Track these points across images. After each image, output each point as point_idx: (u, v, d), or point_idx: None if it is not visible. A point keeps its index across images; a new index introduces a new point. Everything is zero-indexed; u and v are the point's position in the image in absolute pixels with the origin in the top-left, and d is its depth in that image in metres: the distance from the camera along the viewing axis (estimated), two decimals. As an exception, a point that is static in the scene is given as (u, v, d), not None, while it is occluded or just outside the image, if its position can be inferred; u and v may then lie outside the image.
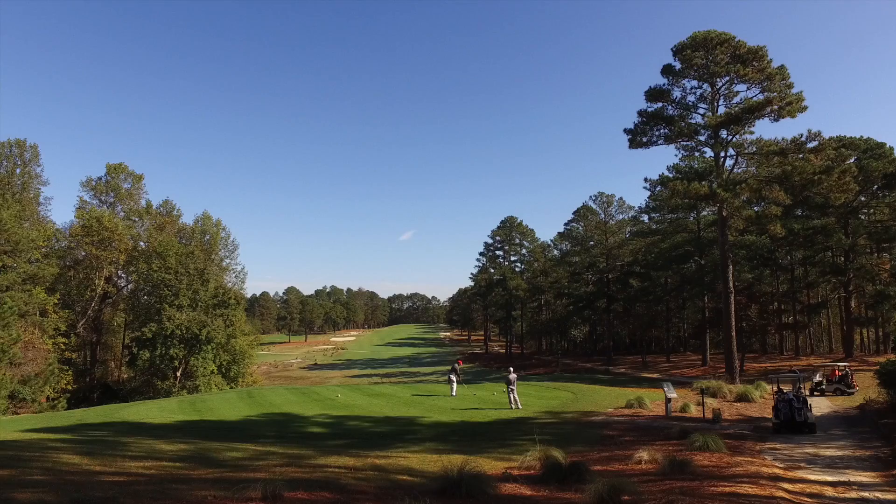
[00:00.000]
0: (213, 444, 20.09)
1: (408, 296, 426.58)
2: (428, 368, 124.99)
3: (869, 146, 73.37)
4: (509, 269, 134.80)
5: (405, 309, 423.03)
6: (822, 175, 49.97)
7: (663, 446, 19.47)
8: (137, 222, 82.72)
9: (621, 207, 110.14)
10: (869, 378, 49.62)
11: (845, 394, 42.60)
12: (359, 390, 45.42)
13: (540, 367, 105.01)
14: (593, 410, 30.97)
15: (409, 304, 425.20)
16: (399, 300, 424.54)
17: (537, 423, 25.80)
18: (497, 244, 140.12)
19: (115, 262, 75.78)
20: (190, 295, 68.51)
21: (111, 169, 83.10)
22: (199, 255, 74.41)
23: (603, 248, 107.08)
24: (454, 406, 33.29)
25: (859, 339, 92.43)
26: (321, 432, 25.46)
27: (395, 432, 24.92)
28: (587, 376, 69.62)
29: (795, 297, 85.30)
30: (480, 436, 23.51)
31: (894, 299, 71.55)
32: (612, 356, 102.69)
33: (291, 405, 35.45)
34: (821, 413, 31.30)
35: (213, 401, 39.43)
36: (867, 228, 75.73)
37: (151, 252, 71.95)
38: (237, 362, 72.17)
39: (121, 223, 76.51)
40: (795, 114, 50.04)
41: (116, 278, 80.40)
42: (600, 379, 62.40)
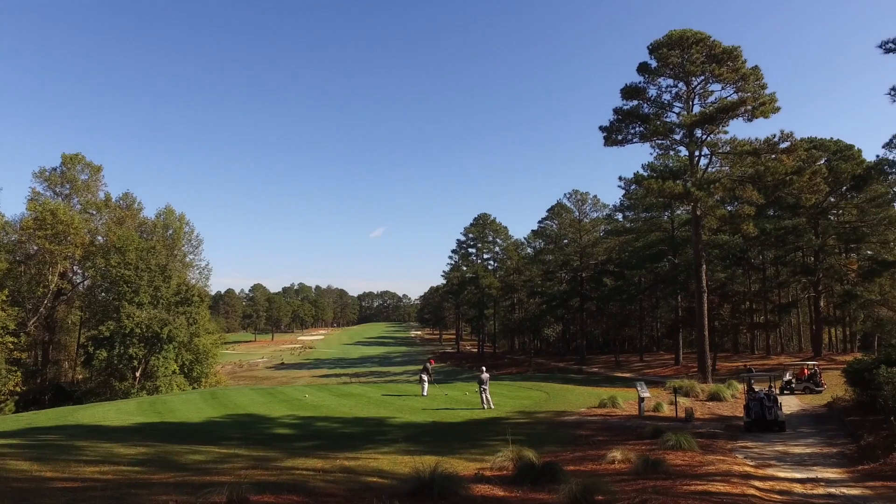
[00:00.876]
0: (174, 447, 19.86)
1: (378, 294, 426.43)
2: (398, 368, 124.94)
3: (839, 148, 74.62)
4: (482, 267, 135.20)
5: (375, 307, 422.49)
6: (794, 175, 50.85)
7: (636, 446, 19.65)
8: (95, 215, 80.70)
9: (596, 205, 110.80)
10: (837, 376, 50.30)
11: (814, 392, 43.33)
12: (327, 390, 45.24)
13: (512, 367, 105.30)
14: (566, 410, 31.16)
15: (379, 303, 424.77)
16: (369, 298, 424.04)
17: (510, 424, 25.89)
18: (470, 241, 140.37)
19: (70, 258, 73.62)
20: (151, 292, 67.24)
21: (67, 159, 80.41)
22: (161, 251, 73.13)
23: (577, 247, 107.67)
24: (425, 406, 33.32)
25: (828, 339, 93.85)
26: (288, 434, 25.35)
27: (364, 433, 24.88)
28: (560, 376, 69.88)
29: (767, 296, 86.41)
30: (452, 436, 23.57)
31: (861, 299, 72.88)
32: (585, 355, 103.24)
33: (257, 406, 35.25)
34: (790, 411, 31.80)
35: (174, 402, 39.04)
36: (836, 229, 76.97)
37: (110, 247, 70.14)
38: (200, 362, 71.21)
39: (77, 216, 74.31)
40: (769, 114, 50.72)
41: (72, 274, 78.62)
42: (573, 378, 62.71)
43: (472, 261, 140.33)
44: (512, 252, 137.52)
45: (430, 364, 43.19)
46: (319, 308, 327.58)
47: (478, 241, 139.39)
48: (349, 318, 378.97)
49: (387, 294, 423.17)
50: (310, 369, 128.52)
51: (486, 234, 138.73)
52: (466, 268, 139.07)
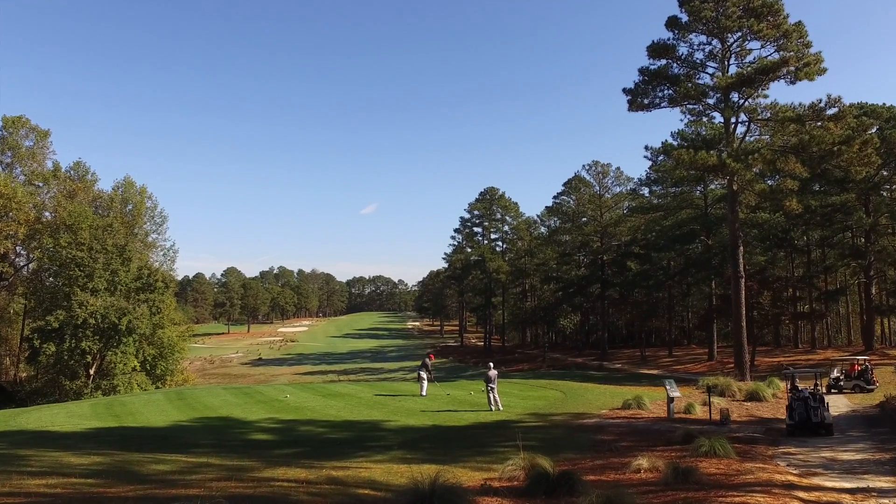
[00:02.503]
0: (134, 456, 19.85)
1: (370, 279, 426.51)
2: (393, 364, 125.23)
3: (892, 115, 74.11)
4: (489, 249, 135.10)
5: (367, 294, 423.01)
6: (842, 146, 50.37)
7: (665, 452, 19.69)
8: (42, 188, 79.70)
9: (618, 179, 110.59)
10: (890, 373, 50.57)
11: (865, 391, 43.43)
12: (312, 390, 45.33)
13: (524, 363, 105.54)
14: (585, 412, 31.21)
15: (371, 289, 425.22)
16: (360, 284, 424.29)
17: (521, 427, 25.91)
18: (475, 219, 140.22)
19: (12, 237, 72.75)
20: (107, 276, 65.98)
21: (8, 123, 79.01)
22: (120, 229, 72.09)
23: (597, 226, 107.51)
24: (424, 408, 33.41)
25: (880, 331, 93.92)
26: (267, 439, 25.41)
27: (355, 439, 24.95)
28: (578, 373, 69.97)
29: (812, 282, 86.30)
30: (455, 442, 23.64)
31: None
32: (606, 350, 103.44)
33: (231, 408, 35.35)
34: (839, 413, 31.81)
35: (134, 404, 39.04)
36: (890, 206, 76.65)
37: (59, 224, 69.41)
38: (165, 357, 71.02)
39: (20, 188, 73.09)
40: (813, 76, 50.41)
41: (14, 256, 78.16)
42: (593, 376, 62.78)
43: (478, 241, 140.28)
44: (523, 232, 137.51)
45: (430, 360, 43.19)
46: (302, 295, 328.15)
47: (484, 218, 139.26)
48: (337, 307, 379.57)
49: (380, 279, 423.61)
50: (291, 366, 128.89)
51: (494, 210, 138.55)
52: (471, 249, 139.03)
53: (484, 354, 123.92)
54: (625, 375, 68.35)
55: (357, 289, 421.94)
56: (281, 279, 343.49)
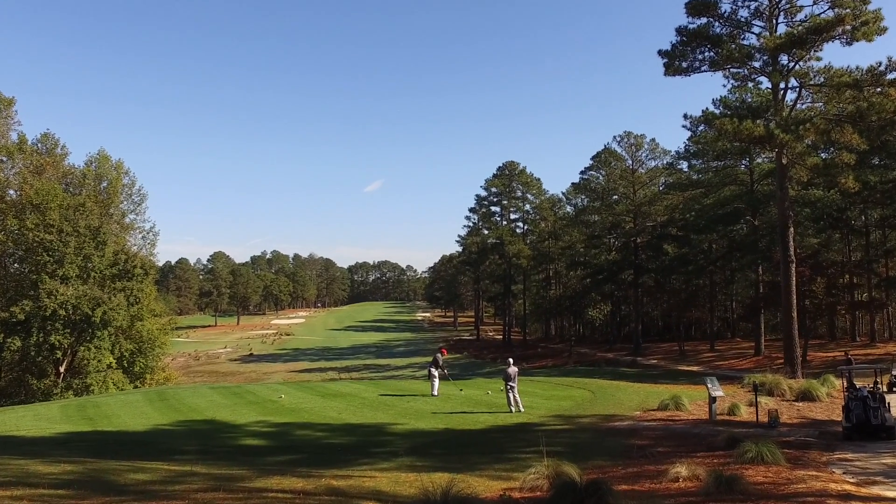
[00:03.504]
0: (110, 464, 19.88)
1: (375, 265, 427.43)
2: (401, 360, 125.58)
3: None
4: (508, 231, 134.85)
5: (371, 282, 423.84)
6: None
7: (706, 458, 19.67)
8: (6, 163, 79.41)
9: (654, 152, 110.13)
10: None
11: (931, 389, 43.18)
12: (309, 389, 45.41)
13: (548, 358, 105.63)
14: (617, 414, 31.21)
15: (376, 276, 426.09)
16: (363, 270, 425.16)
17: (545, 431, 25.95)
18: (493, 197, 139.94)
19: (-29, 218, 73.26)
20: (79, 262, 65.71)
21: None
22: (93, 209, 71.98)
23: (630, 204, 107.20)
24: (436, 409, 33.48)
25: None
26: (259, 445, 25.50)
27: (358, 444, 25.03)
28: (609, 370, 70.01)
29: (871, 267, 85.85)
30: (471, 448, 23.68)
31: None
32: (640, 344, 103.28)
33: (219, 410, 35.48)
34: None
35: (110, 405, 39.20)
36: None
37: (25, 203, 68.80)
38: (144, 353, 71.29)
39: None
40: (872, 36, 49.87)
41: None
42: (625, 373, 62.79)
43: (496, 222, 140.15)
44: (547, 211, 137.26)
45: (442, 355, 43.04)
46: (299, 283, 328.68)
47: (503, 196, 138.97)
48: (337, 296, 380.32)
49: (386, 265, 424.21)
50: (286, 362, 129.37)
51: (514, 187, 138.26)
52: (488, 231, 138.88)
53: (502, 349, 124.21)
54: (661, 372, 68.35)
55: (360, 276, 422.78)
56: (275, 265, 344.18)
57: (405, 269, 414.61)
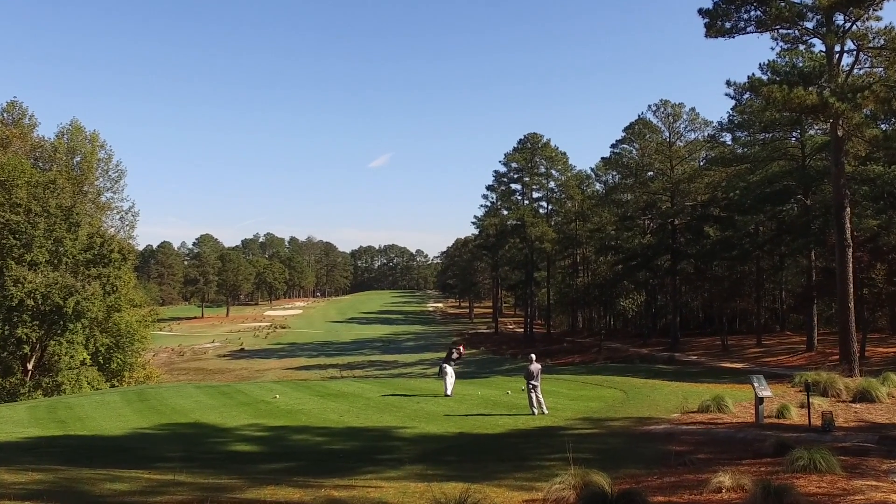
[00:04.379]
0: (84, 473, 19.90)
1: (381, 249, 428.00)
2: (411, 356, 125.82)
3: None
4: (530, 211, 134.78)
5: (377, 268, 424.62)
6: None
7: (752, 466, 19.60)
8: None
9: (693, 123, 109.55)
10: None
11: None
12: (307, 389, 45.60)
13: (574, 354, 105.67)
14: (652, 416, 31.18)
15: (382, 262, 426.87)
16: (368, 255, 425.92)
17: (571, 435, 25.87)
18: (513, 174, 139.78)
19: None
20: (50, 246, 65.06)
21: None
22: (65, 186, 71.73)
23: (666, 181, 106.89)
24: (450, 411, 33.55)
25: None
26: (251, 451, 25.60)
27: (361, 450, 25.09)
28: (643, 367, 69.97)
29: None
30: (488, 454, 23.69)
31: None
32: (678, 338, 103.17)
33: (206, 411, 35.63)
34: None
35: (84, 406, 39.36)
36: None
37: None
38: (122, 348, 71.22)
39: None
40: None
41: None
42: (662, 371, 62.76)
43: (517, 201, 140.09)
44: (573, 189, 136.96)
45: (460, 351, 43.02)
46: (296, 269, 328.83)
47: (524, 172, 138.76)
48: (339, 284, 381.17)
49: (393, 250, 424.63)
50: (282, 358, 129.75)
51: (537, 162, 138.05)
52: (508, 211, 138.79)
53: (524, 344, 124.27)
54: (701, 370, 68.32)
55: (364, 261, 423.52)
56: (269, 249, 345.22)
57: (415, 255, 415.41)
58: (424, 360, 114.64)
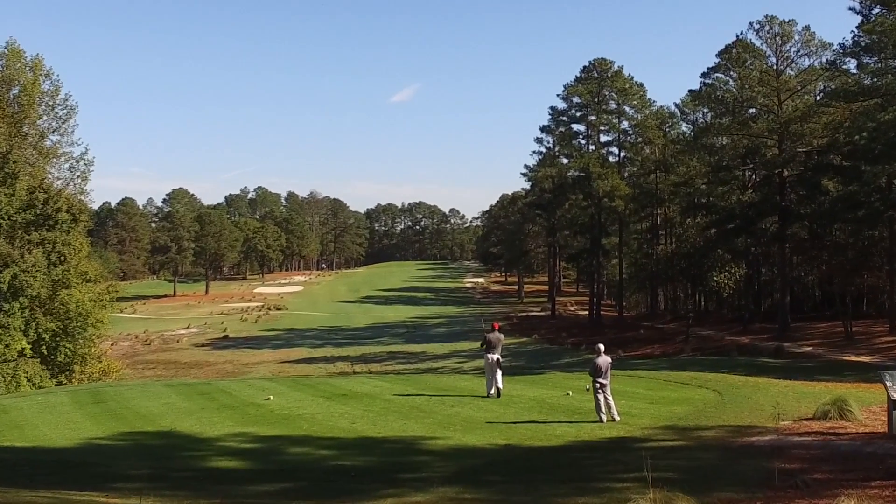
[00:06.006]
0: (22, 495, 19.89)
1: (405, 208, 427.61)
2: (443, 346, 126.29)
3: None
4: (597, 159, 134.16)
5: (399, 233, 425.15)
6: None
7: (885, 490, 19.48)
8: None
9: (808, 46, 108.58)
10: None
11: None
12: (310, 388, 45.64)
13: (654, 344, 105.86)
14: (754, 424, 31.00)
15: (406, 224, 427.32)
16: (388, 216, 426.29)
17: (650, 449, 25.74)
18: (575, 111, 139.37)
19: None
20: None
21: None
22: (0, 126, 72.28)
23: (773, 121, 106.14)
24: (493, 417, 33.41)
25: None
26: (236, 468, 25.59)
27: (379, 468, 24.95)
28: (742, 360, 69.91)
29: None
30: (543, 473, 23.58)
31: None
32: (787, 323, 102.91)
33: (179, 417, 35.66)
34: None
35: (23, 410, 39.57)
36: None
37: None
38: (71, 335, 71.38)
39: None
40: None
41: None
42: (766, 365, 62.61)
43: (579, 147, 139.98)
44: (653, 131, 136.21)
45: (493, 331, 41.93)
46: (295, 234, 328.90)
47: (589, 109, 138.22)
48: (350, 253, 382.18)
49: (420, 209, 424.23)
50: (277, 348, 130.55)
51: (606, 96, 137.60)
52: (569, 160, 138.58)
53: (589, 330, 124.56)
54: (818, 364, 68.19)
55: (383, 223, 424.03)
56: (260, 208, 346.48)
57: (448, 215, 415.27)
58: (460, 351, 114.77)
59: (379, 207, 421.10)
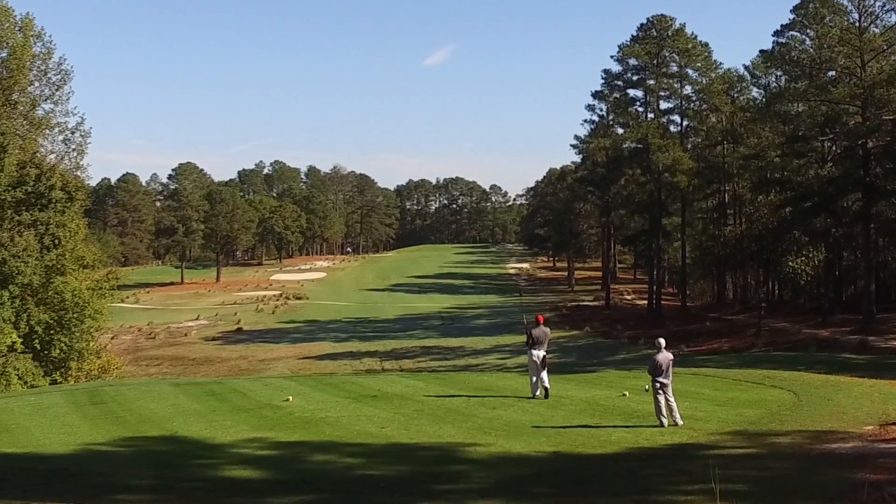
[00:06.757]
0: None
1: (440, 184, 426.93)
2: (483, 341, 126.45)
3: None
4: (657, 129, 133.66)
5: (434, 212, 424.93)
6: None
7: None
8: None
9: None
10: None
11: None
12: (333, 387, 45.72)
13: (721, 338, 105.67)
14: (835, 429, 30.84)
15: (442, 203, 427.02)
16: (421, 193, 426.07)
17: (717, 457, 25.66)
18: (632, 74, 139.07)
19: None
20: None
21: None
22: None
23: (856, 85, 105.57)
24: (540, 421, 33.37)
25: None
26: (252, 479, 25.53)
27: (412, 478, 24.97)
28: (822, 356, 69.75)
29: None
30: (596, 483, 23.50)
31: None
32: (873, 314, 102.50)
33: (187, 420, 35.75)
34: None
35: (14, 412, 39.77)
36: None
37: None
38: (67, 327, 71.56)
39: None
40: None
41: None
42: (850, 362, 62.47)
43: (637, 115, 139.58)
44: (719, 97, 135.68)
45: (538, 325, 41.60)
46: (317, 214, 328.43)
47: (648, 72, 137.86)
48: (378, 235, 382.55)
49: (457, 185, 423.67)
50: (296, 343, 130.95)
51: (666, 58, 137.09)
52: (625, 129, 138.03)
53: (647, 322, 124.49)
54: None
55: (416, 202, 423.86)
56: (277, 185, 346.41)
57: (488, 192, 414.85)
58: (502, 345, 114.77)
59: (411, 184, 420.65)
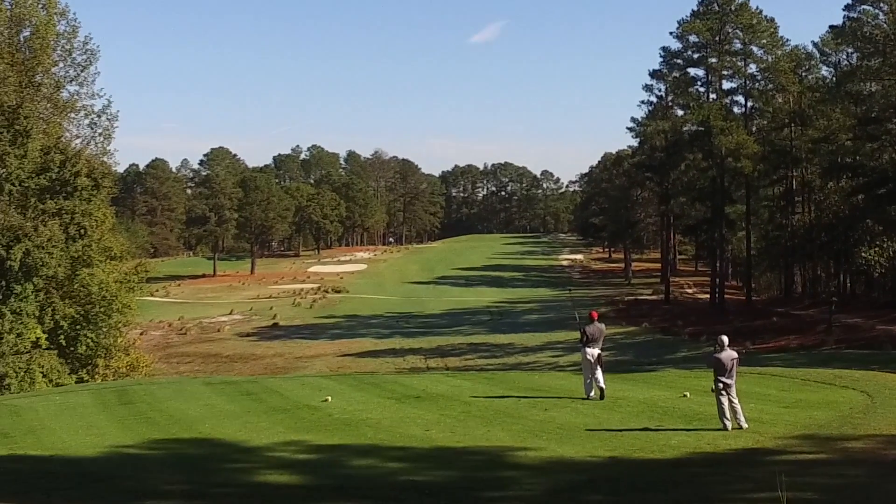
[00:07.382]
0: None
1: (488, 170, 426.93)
2: (534, 337, 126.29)
3: None
4: (719, 110, 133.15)
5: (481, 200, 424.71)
6: None
7: None
8: None
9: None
10: None
11: None
12: (375, 387, 45.76)
13: (789, 334, 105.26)
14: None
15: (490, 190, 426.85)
16: (467, 180, 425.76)
17: (785, 463, 25.53)
18: (692, 52, 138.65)
19: None
20: None
21: None
22: (8, 76, 71.45)
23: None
24: (595, 423, 33.25)
25: None
26: (289, 484, 25.54)
27: (459, 484, 24.95)
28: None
29: None
30: (655, 491, 23.40)
31: None
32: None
33: (221, 421, 35.84)
34: None
35: (38, 412, 39.91)
36: None
37: None
38: (94, 322, 71.60)
39: None
40: None
41: None
42: (929, 361, 62.09)
43: (698, 95, 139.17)
44: (786, 76, 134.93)
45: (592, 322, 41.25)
46: (357, 202, 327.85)
47: (709, 49, 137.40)
48: (423, 225, 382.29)
49: (506, 171, 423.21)
50: (336, 339, 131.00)
51: (729, 34, 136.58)
52: (685, 111, 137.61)
53: (710, 318, 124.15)
54: None
55: (462, 188, 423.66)
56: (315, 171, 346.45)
57: (539, 179, 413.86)
58: (554, 342, 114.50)
59: (457, 170, 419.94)
